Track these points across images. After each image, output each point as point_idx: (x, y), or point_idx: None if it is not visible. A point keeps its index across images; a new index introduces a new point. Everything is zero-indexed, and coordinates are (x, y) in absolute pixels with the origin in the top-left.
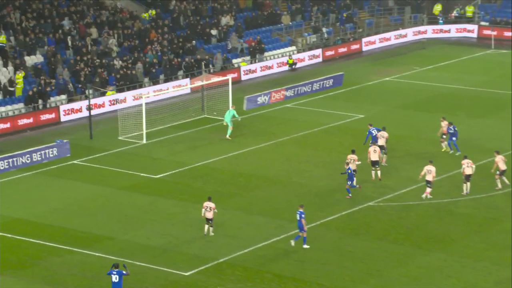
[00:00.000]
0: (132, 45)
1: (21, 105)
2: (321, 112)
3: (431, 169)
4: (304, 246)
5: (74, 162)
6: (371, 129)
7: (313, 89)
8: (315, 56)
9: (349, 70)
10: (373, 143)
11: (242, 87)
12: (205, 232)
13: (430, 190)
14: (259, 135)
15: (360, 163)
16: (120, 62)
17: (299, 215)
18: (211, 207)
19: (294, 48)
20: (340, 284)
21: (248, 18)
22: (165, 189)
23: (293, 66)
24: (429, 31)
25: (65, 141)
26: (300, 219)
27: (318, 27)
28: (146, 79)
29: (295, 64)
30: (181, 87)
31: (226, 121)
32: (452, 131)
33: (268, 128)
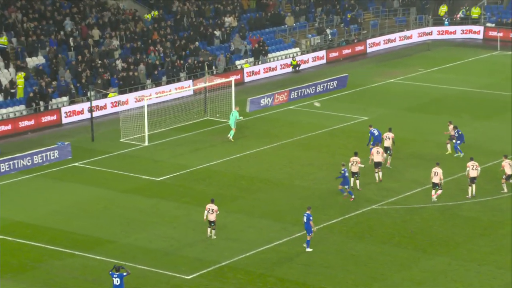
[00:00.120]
0: (134, 46)
1: (22, 106)
2: (325, 114)
3: (438, 171)
4: (307, 249)
5: (76, 164)
6: (372, 130)
7: (317, 91)
8: (319, 57)
9: (353, 72)
10: (376, 144)
11: (245, 88)
12: (208, 235)
13: (441, 192)
14: (262, 137)
15: (364, 166)
16: (122, 64)
17: (307, 217)
18: (213, 209)
19: (297, 49)
20: None
21: (252, 19)
22: (167, 192)
23: (297, 68)
24: (434, 33)
25: (66, 143)
26: (308, 221)
27: (322, 28)
28: (148, 81)
29: (299, 65)
30: (183, 88)
31: (230, 123)
32: (456, 135)
33: (271, 130)
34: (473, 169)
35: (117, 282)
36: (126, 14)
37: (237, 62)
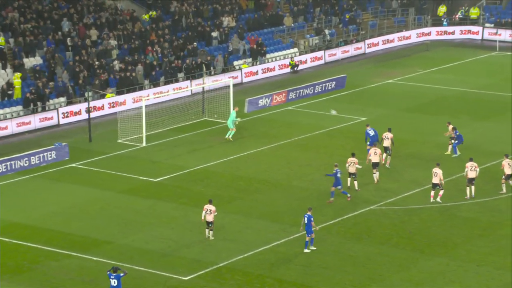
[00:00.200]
0: (132, 46)
1: (20, 107)
2: (323, 114)
3: (437, 172)
4: (305, 250)
5: (73, 165)
6: (368, 129)
7: (315, 91)
8: (317, 58)
9: (351, 72)
10: (373, 144)
11: (243, 89)
12: (206, 235)
13: (442, 192)
14: (260, 138)
15: (361, 167)
16: (120, 64)
17: (307, 219)
18: (211, 209)
19: (296, 50)
20: None
21: (250, 20)
22: (164, 193)
23: (295, 68)
24: (433, 33)
25: (63, 144)
26: (309, 223)
27: (320, 28)
28: (146, 82)
29: (297, 66)
30: (181, 89)
31: (228, 123)
32: (455, 136)
33: (269, 130)
34: (471, 170)
35: (115, 283)
36: (124, 14)
37: (235, 63)
